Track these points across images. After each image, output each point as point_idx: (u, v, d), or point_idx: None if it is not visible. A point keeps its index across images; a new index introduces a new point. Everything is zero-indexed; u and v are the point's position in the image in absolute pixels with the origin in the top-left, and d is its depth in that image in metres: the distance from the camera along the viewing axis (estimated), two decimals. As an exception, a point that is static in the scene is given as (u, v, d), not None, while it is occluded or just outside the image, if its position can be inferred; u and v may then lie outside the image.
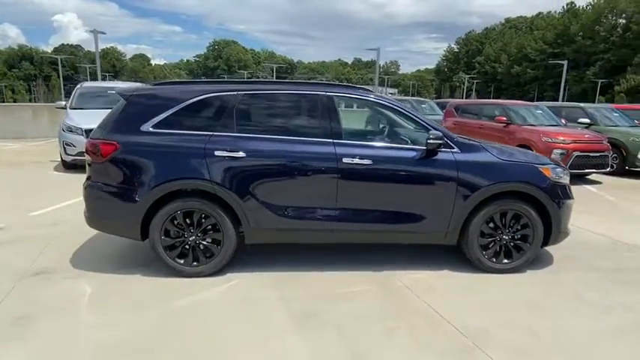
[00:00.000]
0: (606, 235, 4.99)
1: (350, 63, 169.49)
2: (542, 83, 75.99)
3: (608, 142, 8.59)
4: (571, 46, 70.46)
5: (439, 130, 3.61)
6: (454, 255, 4.06)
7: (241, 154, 3.44)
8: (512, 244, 3.77)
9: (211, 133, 3.50)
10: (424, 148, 3.59)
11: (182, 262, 3.55)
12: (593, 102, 41.94)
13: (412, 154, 3.62)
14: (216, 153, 3.43)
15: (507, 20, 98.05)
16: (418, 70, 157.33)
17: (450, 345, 2.70)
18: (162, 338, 2.71)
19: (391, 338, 2.76)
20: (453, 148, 3.64)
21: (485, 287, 3.55)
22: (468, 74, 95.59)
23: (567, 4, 77.80)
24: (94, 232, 4.50)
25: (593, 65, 63.92)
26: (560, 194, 3.76)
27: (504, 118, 8.98)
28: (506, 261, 3.79)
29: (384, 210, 3.63)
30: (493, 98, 66.16)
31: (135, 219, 3.45)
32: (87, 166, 3.67)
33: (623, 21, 61.90)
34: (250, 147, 3.47)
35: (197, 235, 3.52)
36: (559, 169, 3.85)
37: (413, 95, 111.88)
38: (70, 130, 7.98)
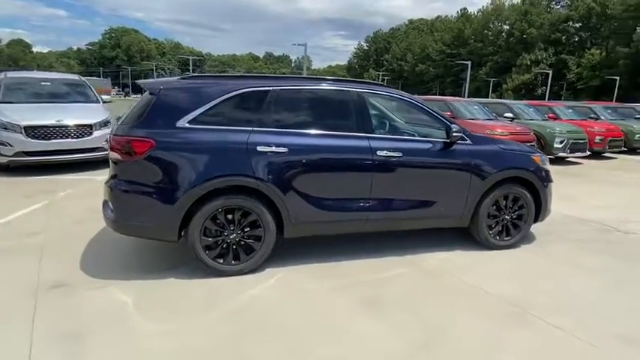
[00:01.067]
0: (561, 213, 5.83)
1: (262, 57, 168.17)
2: (442, 81, 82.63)
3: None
4: (466, 48, 77.51)
5: (456, 125, 3.98)
6: (457, 235, 4.49)
7: (283, 149, 3.47)
8: (511, 223, 4.31)
9: (251, 128, 3.47)
10: (444, 140, 3.95)
11: (221, 261, 3.49)
12: (487, 98, 46.37)
13: (434, 146, 3.95)
14: (259, 149, 3.41)
15: (411, 22, 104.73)
16: (329, 66, 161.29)
17: (504, 311, 3.08)
18: (237, 338, 2.68)
19: (455, 312, 3.06)
20: (467, 141, 4.04)
21: (498, 262, 4.02)
22: (377, 71, 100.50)
23: (461, 10, 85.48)
24: (83, 240, 4.21)
25: (484, 65, 71.00)
26: (546, 178, 4.37)
27: (449, 113, 9.84)
28: (506, 238, 4.32)
29: (411, 198, 3.92)
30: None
31: (174, 219, 3.31)
32: (112, 164, 3.41)
33: (507, 27, 69.71)
34: (291, 142, 3.51)
35: (238, 233, 3.48)
36: (544, 157, 4.47)
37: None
38: (5, 127, 7.04)
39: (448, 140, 3.91)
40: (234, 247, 3.50)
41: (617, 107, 14.93)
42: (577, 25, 59.30)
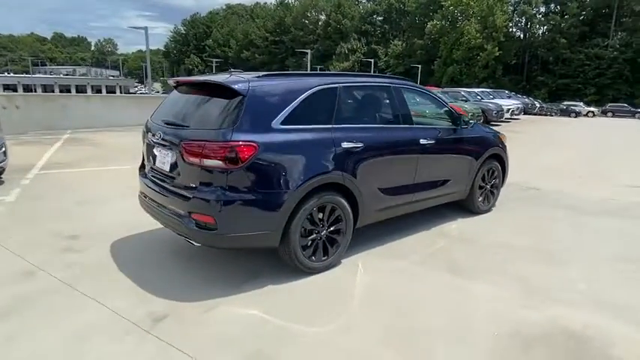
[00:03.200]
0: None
1: (50, 38, 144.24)
2: (269, 68, 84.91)
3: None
4: (288, 35, 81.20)
5: (460, 114, 4.74)
6: (446, 209, 5.32)
7: (360, 143, 3.65)
8: (490, 191, 5.36)
9: (331, 125, 3.55)
10: (456, 127, 4.67)
11: (314, 258, 3.52)
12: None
13: (452, 132, 4.65)
14: (343, 145, 3.53)
15: (229, 6, 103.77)
16: (140, 51, 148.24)
17: (544, 257, 4.01)
18: (398, 318, 2.92)
19: (515, 263, 3.86)
20: (469, 127, 4.85)
21: (494, 223, 5.02)
22: (199, 57, 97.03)
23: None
24: (105, 268, 3.65)
25: (307, 53, 75.74)
26: (506, 152, 5.54)
27: None
28: (488, 204, 5.36)
29: (438, 179, 4.55)
30: (228, 81, 69.55)
31: (279, 224, 3.21)
32: (203, 172, 3.05)
33: (324, 17, 75.70)
34: (364, 136, 3.71)
35: (327, 229, 3.56)
36: (504, 136, 5.63)
37: (145, 78, 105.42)
38: None
39: (463, 127, 4.66)
40: (324, 243, 3.57)
41: (448, 91, 18.39)
42: (380, 18, 68.35)
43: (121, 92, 57.33)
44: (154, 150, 3.56)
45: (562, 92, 49.86)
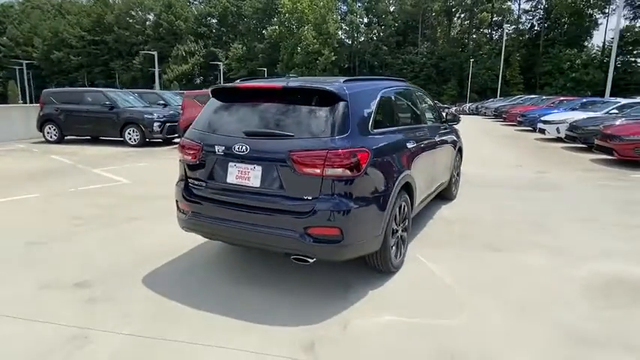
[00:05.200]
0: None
1: None
2: (90, 71, 75.12)
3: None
4: (111, 35, 73.15)
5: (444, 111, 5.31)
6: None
7: (414, 143, 3.85)
8: (456, 179, 6.11)
9: (396, 127, 3.66)
10: (443, 123, 5.22)
11: (395, 257, 3.58)
12: (147, 88, 45.39)
13: (443, 128, 5.16)
14: (407, 145, 3.68)
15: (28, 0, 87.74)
16: None
17: (533, 226, 4.83)
18: (508, 295, 3.25)
19: (522, 233, 4.57)
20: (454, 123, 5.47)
21: (470, 204, 5.75)
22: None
23: (96, -7, 78.93)
24: (170, 310, 3.14)
25: (137, 55, 69.62)
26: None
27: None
28: (456, 189, 6.11)
29: (441, 170, 5.01)
30: (40, 88, 59.33)
31: (384, 227, 3.20)
32: (325, 182, 2.83)
33: (153, 17, 70.56)
34: (415, 136, 3.92)
35: (401, 227, 3.65)
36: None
37: None
38: None
39: (451, 123, 5.24)
40: (399, 241, 3.66)
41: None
42: (216, 21, 67.19)
43: None
44: (225, 164, 3.11)
45: (387, 92, 57.22)
